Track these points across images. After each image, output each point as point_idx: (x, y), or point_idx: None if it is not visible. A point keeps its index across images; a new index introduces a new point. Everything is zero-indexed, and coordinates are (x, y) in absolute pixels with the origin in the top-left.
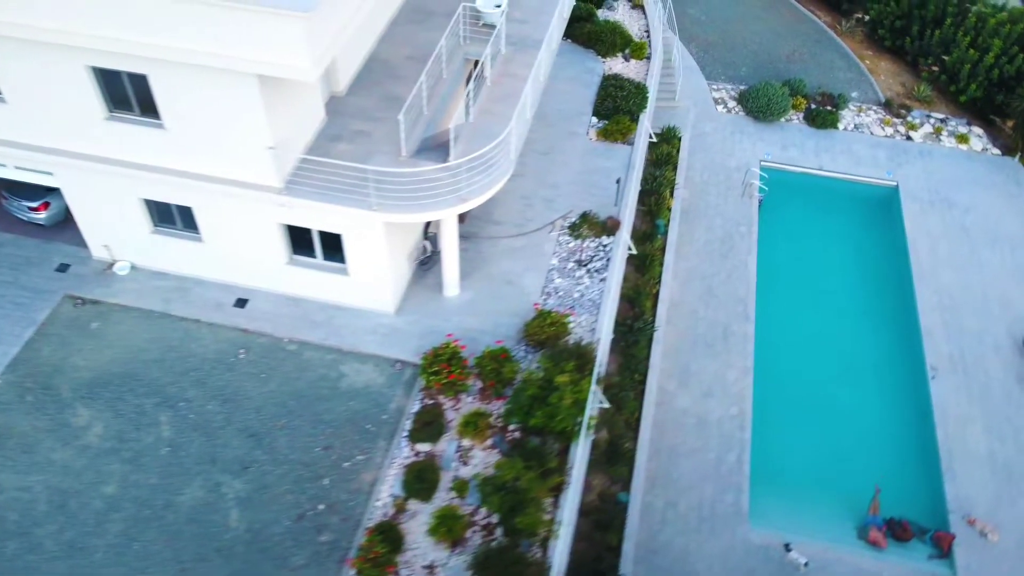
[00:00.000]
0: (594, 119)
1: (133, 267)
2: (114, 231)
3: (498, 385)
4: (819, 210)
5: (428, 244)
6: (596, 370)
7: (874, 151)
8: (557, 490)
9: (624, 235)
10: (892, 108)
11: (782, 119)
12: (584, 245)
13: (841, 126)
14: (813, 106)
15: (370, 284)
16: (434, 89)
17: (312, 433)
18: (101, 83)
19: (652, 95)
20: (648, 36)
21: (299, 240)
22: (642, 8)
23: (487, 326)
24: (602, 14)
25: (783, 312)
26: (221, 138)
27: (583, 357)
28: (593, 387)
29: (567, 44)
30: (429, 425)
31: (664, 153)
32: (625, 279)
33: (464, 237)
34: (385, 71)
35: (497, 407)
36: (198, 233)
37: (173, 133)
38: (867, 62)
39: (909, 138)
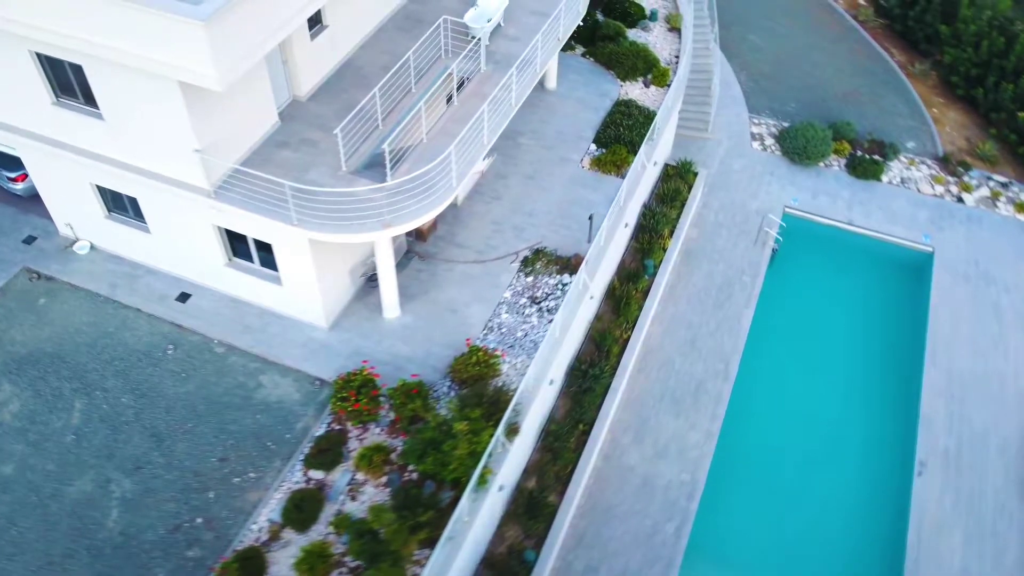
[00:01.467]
0: (593, 146)
1: (92, 248)
2: (74, 211)
3: (404, 421)
4: (838, 268)
5: (375, 261)
6: (506, 420)
7: (915, 210)
8: (432, 543)
9: (583, 275)
10: (949, 164)
11: (820, 163)
12: (542, 281)
13: (885, 178)
14: (858, 153)
15: (302, 296)
16: (400, 102)
17: (213, 442)
18: (47, 70)
19: (665, 125)
20: (677, 62)
21: (237, 243)
22: (679, 31)
23: (418, 355)
24: (634, 34)
25: (769, 376)
26: (152, 135)
27: (496, 404)
28: (500, 439)
29: (587, 63)
30: (326, 452)
31: (672, 189)
32: (599, 319)
33: (420, 257)
34: (356, 79)
35: (401, 444)
36: (146, 224)
37: (111, 125)
38: (934, 110)
39: (960, 200)
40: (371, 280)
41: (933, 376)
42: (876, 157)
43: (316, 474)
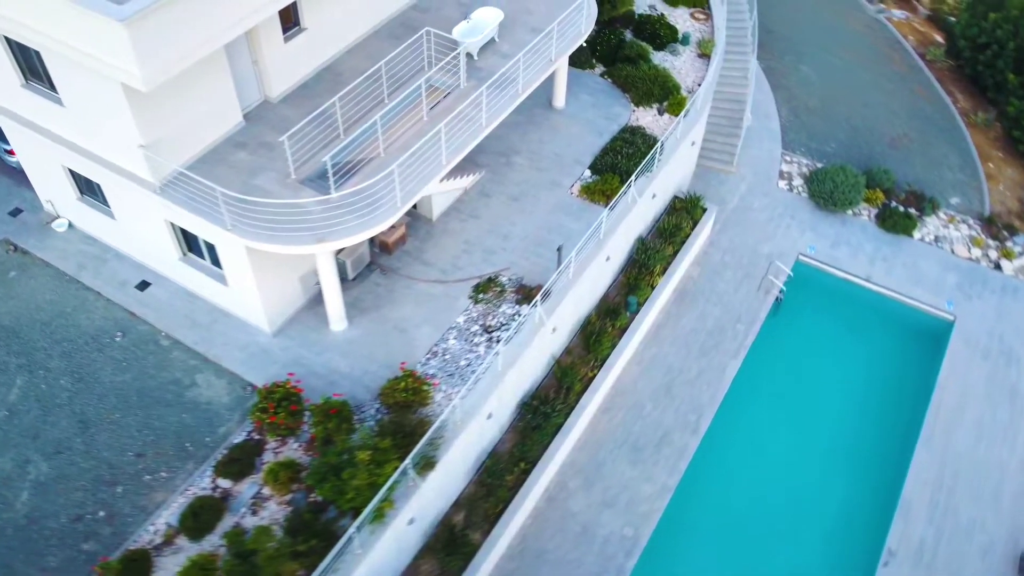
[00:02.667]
0: (588, 172)
1: (70, 226)
2: (52, 190)
3: (319, 440)
4: (845, 327)
5: None
6: (416, 454)
7: (944, 273)
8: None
9: (538, 310)
10: (993, 226)
11: (848, 211)
12: (499, 310)
13: (917, 234)
14: (892, 204)
15: (246, 299)
16: (369, 112)
17: (135, 436)
18: (15, 53)
19: (670, 156)
20: (697, 89)
21: (191, 238)
22: (709, 58)
23: (355, 372)
24: (661, 57)
25: (744, 435)
26: (103, 126)
27: (412, 435)
28: (410, 473)
29: (603, 84)
30: (236, 462)
31: (673, 224)
32: (568, 352)
33: (382, 270)
34: (333, 84)
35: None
36: (111, 210)
37: (70, 111)
38: (990, 165)
39: (998, 267)
40: None
41: (924, 458)
42: (911, 210)
43: (224, 483)
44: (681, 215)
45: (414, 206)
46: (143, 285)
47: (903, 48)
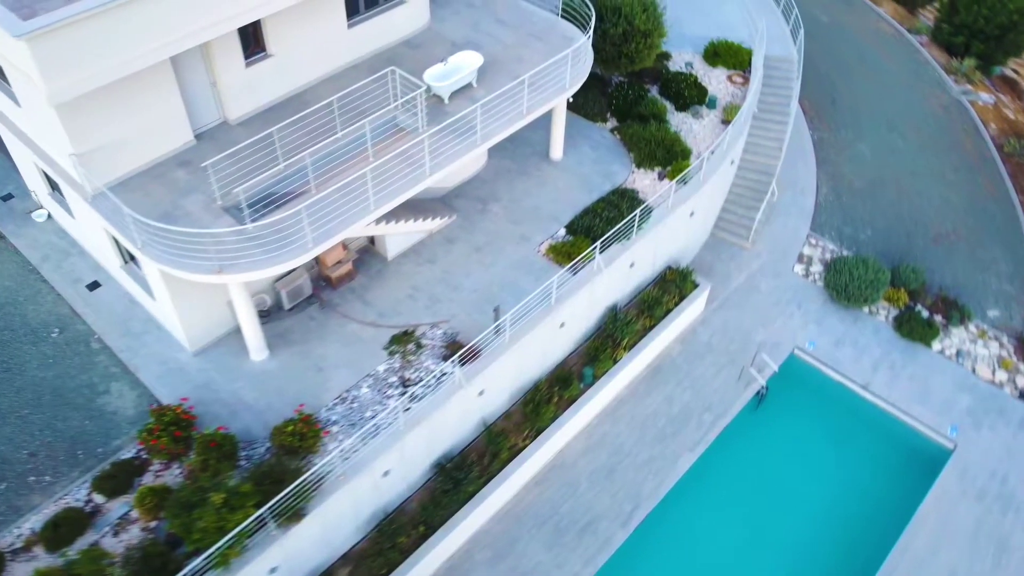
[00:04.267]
0: (563, 231)
1: (49, 217)
2: (31, 181)
3: (194, 470)
4: (827, 436)
5: (267, 298)
6: (275, 505)
7: (957, 394)
8: None
9: (457, 371)
10: None
11: (864, 308)
12: (423, 364)
13: (937, 345)
14: (917, 307)
15: (167, 315)
16: (317, 144)
17: (36, 435)
18: None
19: (657, 223)
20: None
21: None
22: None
23: (260, 405)
24: (680, 119)
25: (681, 538)
26: (45, 131)
27: (282, 483)
28: (270, 524)
29: (611, 139)
30: (114, 478)
31: (653, 297)
32: (507, 416)
33: (321, 304)
34: (295, 111)
35: None
36: (70, 208)
37: (25, 111)
38: None
39: (1023, 396)
40: (262, 316)
41: None
42: (937, 317)
43: (99, 498)
44: (669, 287)
45: (371, 241)
46: (94, 285)
47: (979, 136)
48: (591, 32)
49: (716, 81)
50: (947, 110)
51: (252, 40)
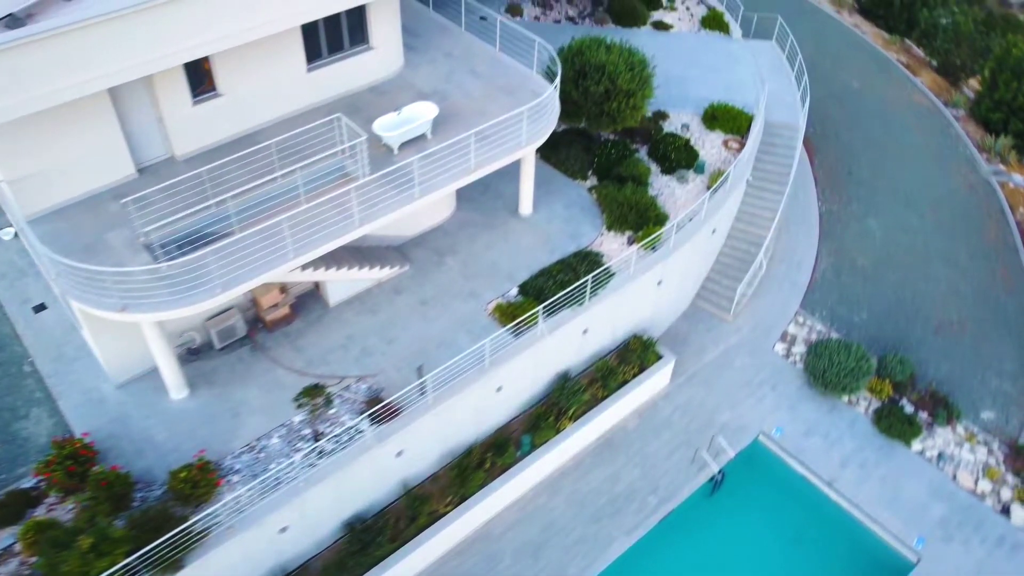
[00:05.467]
0: (515, 291)
1: (16, 236)
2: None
3: (80, 508)
4: (781, 533)
5: (196, 336)
6: (145, 554)
7: (930, 502)
8: None
9: (368, 429)
10: (1022, 459)
11: (844, 397)
12: (340, 418)
13: (918, 445)
14: (901, 402)
15: (93, 346)
16: (252, 187)
17: None
18: None
19: (614, 290)
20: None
21: None
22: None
23: (167, 446)
24: (665, 182)
25: None
26: None
27: (158, 532)
28: (140, 572)
29: (586, 198)
30: (4, 508)
31: (608, 367)
32: (434, 479)
33: (253, 346)
34: (244, 150)
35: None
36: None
37: None
38: None
39: (1006, 511)
40: (191, 353)
41: None
42: (922, 415)
43: None
44: (630, 357)
45: (316, 286)
46: (40, 308)
47: (1005, 220)
48: (556, 88)
49: (710, 145)
50: (973, 190)
51: (201, 78)
